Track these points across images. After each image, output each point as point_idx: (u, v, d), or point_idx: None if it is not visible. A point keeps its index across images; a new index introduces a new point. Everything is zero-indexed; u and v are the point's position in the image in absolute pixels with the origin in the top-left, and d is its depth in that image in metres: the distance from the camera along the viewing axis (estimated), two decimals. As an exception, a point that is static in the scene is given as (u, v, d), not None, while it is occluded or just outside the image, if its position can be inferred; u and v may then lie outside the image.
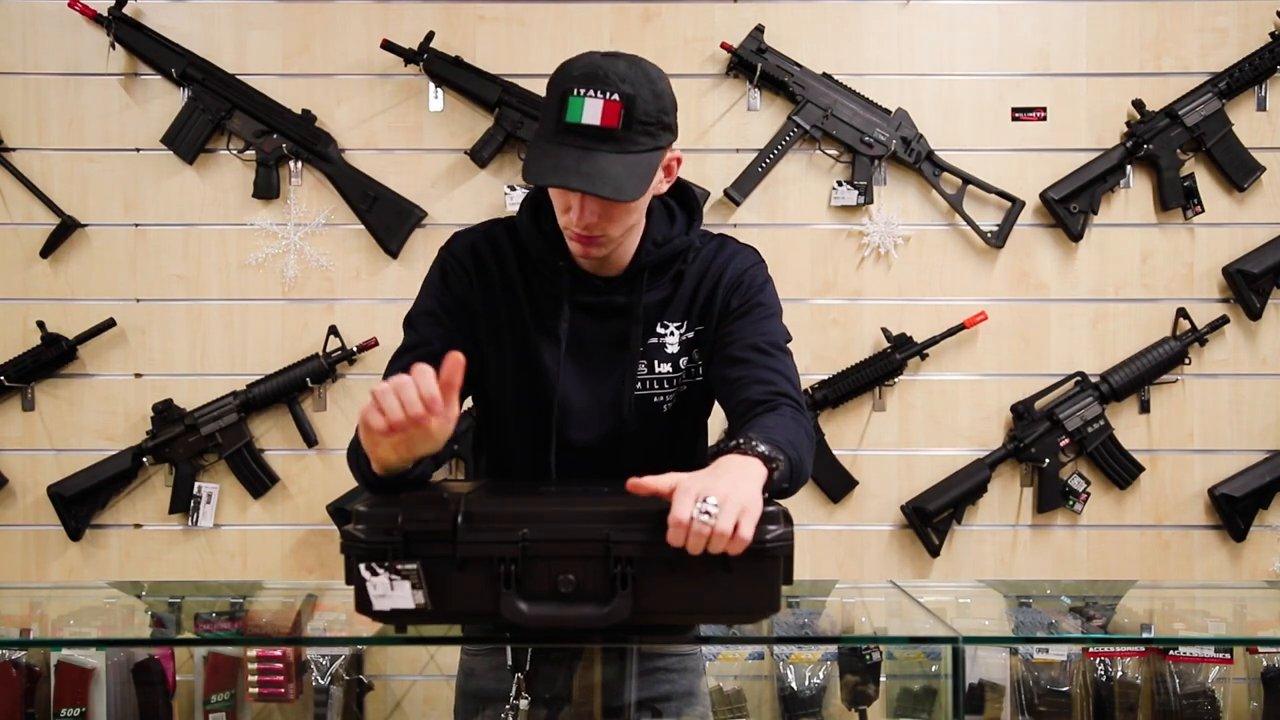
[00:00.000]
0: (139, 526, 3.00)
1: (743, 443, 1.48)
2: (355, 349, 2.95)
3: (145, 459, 2.95)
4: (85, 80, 2.97)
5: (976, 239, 2.98)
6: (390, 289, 2.98)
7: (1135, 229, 3.02)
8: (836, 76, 2.97)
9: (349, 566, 1.47)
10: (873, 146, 2.96)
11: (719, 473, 1.42)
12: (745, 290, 1.77)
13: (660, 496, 1.39)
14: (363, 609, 1.48)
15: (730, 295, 1.77)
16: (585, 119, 1.57)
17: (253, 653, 2.56)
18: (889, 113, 2.97)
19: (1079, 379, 2.99)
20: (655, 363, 1.77)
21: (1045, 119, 3.01)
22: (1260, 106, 3.00)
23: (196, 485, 2.97)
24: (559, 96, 1.59)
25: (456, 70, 2.93)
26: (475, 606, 1.45)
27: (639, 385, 1.76)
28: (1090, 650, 2.52)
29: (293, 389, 2.95)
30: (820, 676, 2.58)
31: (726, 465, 1.45)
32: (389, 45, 2.93)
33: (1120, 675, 2.53)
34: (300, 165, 2.97)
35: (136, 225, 2.99)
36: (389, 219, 2.96)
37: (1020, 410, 2.98)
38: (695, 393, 1.81)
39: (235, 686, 2.59)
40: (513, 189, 2.94)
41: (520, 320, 1.75)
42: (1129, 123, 2.99)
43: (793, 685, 2.58)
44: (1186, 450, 3.02)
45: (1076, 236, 2.98)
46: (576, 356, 1.75)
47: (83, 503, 2.93)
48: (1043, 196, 2.98)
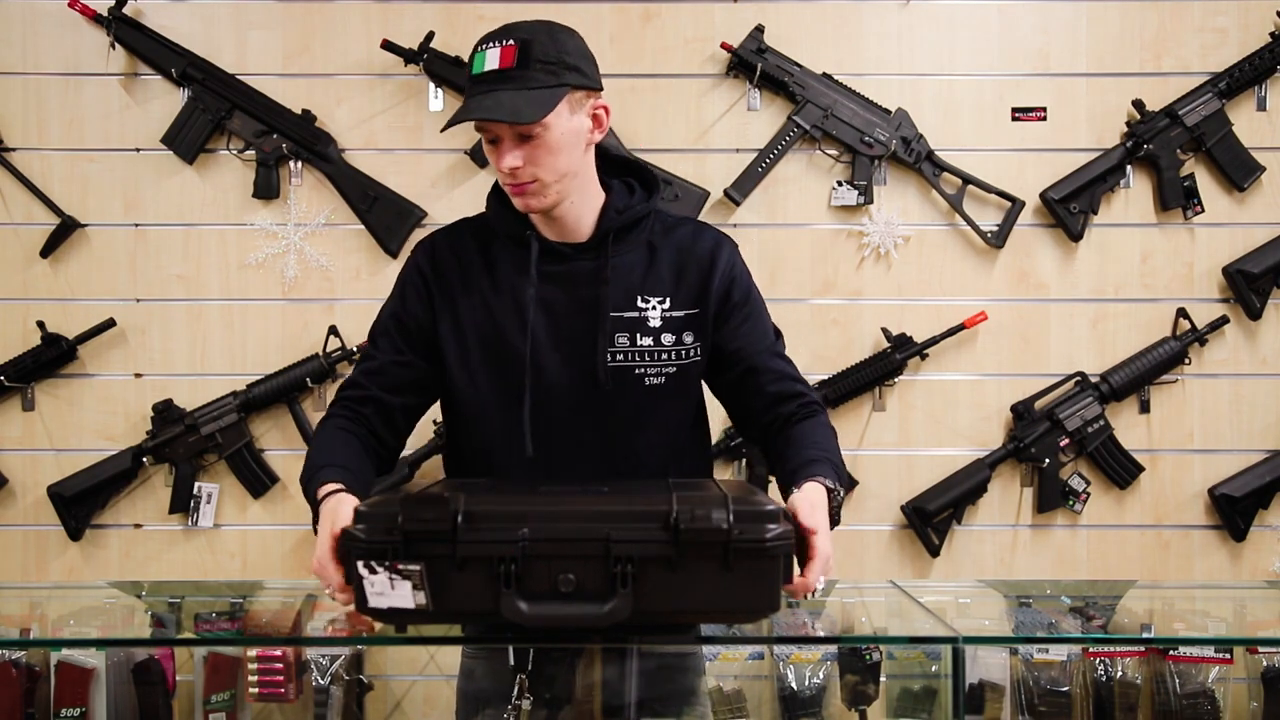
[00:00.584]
0: (139, 526, 3.00)
1: (832, 490, 1.62)
2: (355, 349, 2.95)
3: (145, 459, 2.95)
4: (85, 80, 2.98)
5: (976, 239, 2.98)
6: (390, 289, 2.97)
7: (1135, 229, 3.02)
8: (836, 76, 2.97)
9: (349, 566, 1.48)
10: (873, 146, 2.96)
11: (819, 517, 1.55)
12: (741, 282, 1.84)
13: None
14: (363, 608, 1.48)
15: (730, 287, 1.82)
16: (486, 66, 1.68)
17: (253, 653, 2.55)
18: (889, 113, 2.97)
19: (1079, 379, 2.99)
20: (637, 335, 1.79)
21: (1045, 119, 3.01)
22: (1260, 106, 3.00)
23: (196, 485, 2.97)
24: (471, 56, 1.71)
25: (456, 70, 2.93)
26: (475, 606, 1.45)
27: (620, 356, 1.78)
28: (1090, 650, 2.52)
29: (293, 389, 2.95)
30: (820, 676, 2.58)
31: (819, 505, 1.58)
32: (389, 45, 2.93)
33: (1120, 675, 2.53)
34: (300, 165, 2.97)
35: (136, 225, 2.99)
36: (389, 219, 2.96)
37: (1020, 410, 2.98)
38: (687, 375, 1.82)
39: (235, 686, 2.59)
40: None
41: (485, 306, 1.80)
42: (1129, 123, 2.99)
43: (793, 685, 2.58)
44: (1186, 450, 3.02)
45: (1076, 236, 2.98)
46: (548, 326, 1.78)
47: (83, 503, 2.93)
48: (1043, 196, 2.98)
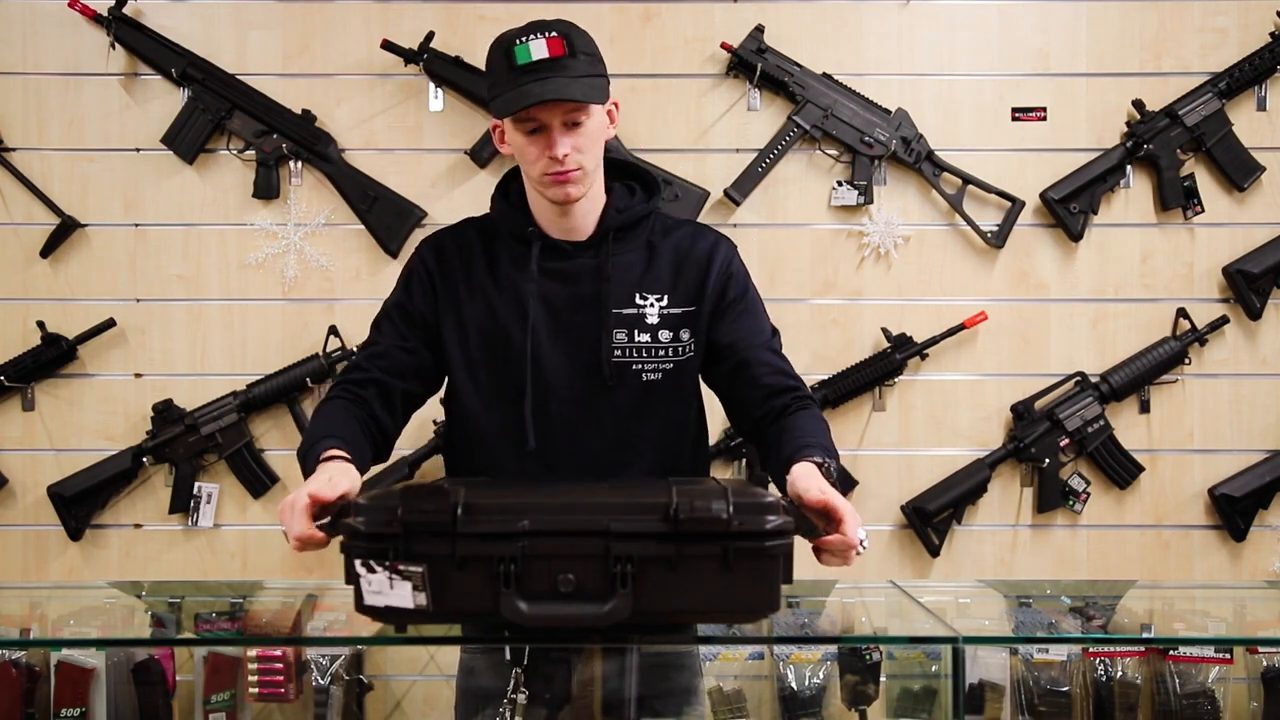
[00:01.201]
0: (139, 526, 3.00)
1: (821, 464, 1.66)
2: (355, 349, 2.94)
3: (145, 459, 2.95)
4: (85, 80, 2.98)
5: (976, 239, 2.98)
6: (390, 289, 2.97)
7: (1135, 229, 3.02)
8: (836, 76, 2.97)
9: (348, 566, 1.47)
10: (873, 146, 2.96)
11: (822, 484, 1.60)
12: (739, 280, 1.87)
13: (817, 508, 1.55)
14: (362, 608, 1.48)
15: (726, 284, 1.85)
16: (535, 56, 1.71)
17: (253, 653, 2.55)
18: (889, 113, 2.97)
19: (1079, 379, 2.99)
20: (635, 332, 1.81)
21: (1045, 119, 3.01)
22: (1260, 106, 3.00)
23: (196, 485, 2.97)
24: (504, 51, 1.74)
25: (456, 70, 2.93)
26: (474, 606, 1.45)
27: (619, 352, 1.79)
28: (1090, 650, 2.52)
29: (293, 389, 2.95)
30: (820, 676, 2.58)
31: (815, 475, 1.62)
32: (389, 45, 2.93)
33: (1120, 675, 2.53)
34: (300, 165, 2.97)
35: (136, 225, 2.99)
36: (389, 219, 2.96)
37: (1020, 410, 2.98)
38: (684, 372, 1.83)
39: (235, 686, 2.58)
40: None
41: (487, 303, 1.82)
42: (1129, 123, 2.99)
43: (793, 685, 2.58)
44: (1186, 450, 3.02)
45: (1076, 236, 2.98)
46: (548, 321, 1.81)
47: (83, 503, 2.93)
48: (1043, 196, 2.98)
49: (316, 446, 1.68)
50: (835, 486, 1.64)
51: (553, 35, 1.72)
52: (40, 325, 2.93)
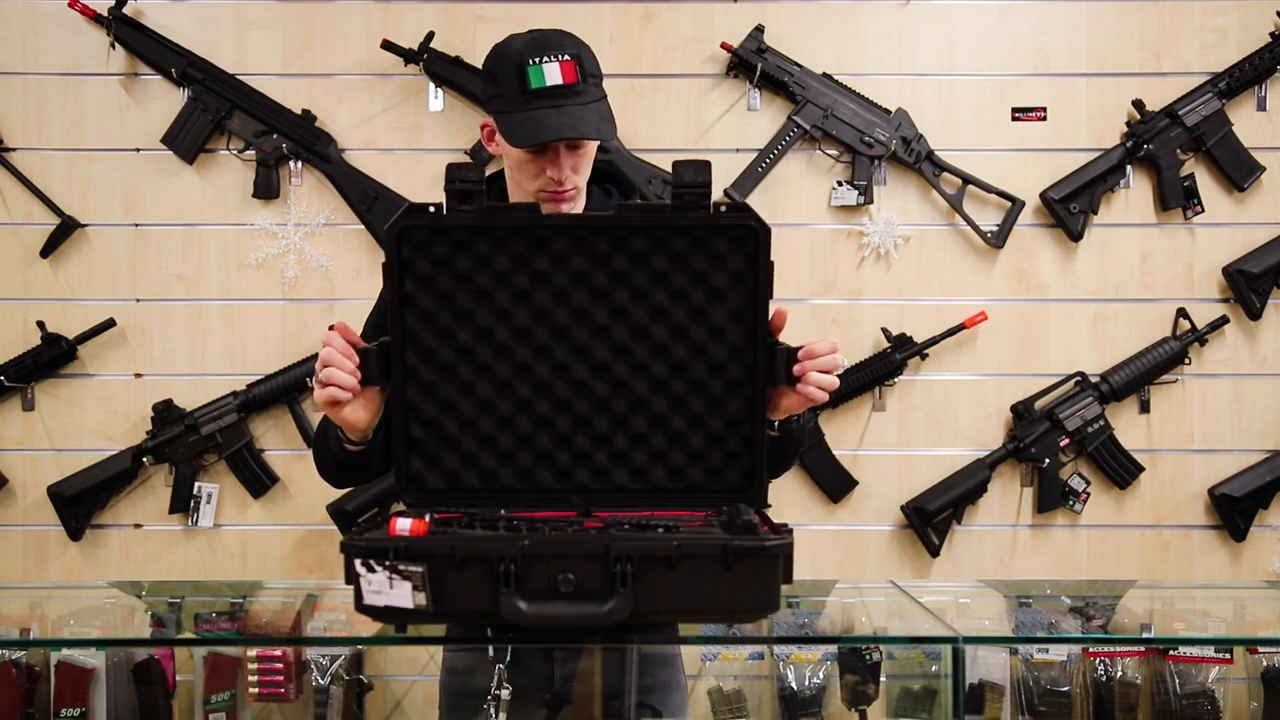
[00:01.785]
0: (139, 526, 3.00)
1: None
2: (355, 349, 2.95)
3: (145, 459, 2.95)
4: (85, 80, 2.98)
5: (976, 239, 2.98)
6: (390, 289, 2.98)
7: (1135, 229, 3.02)
8: (836, 76, 2.97)
9: (349, 565, 1.47)
10: (873, 146, 2.96)
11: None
12: None
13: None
14: (362, 607, 1.48)
15: None
16: (549, 81, 1.74)
17: (253, 653, 2.56)
18: (889, 113, 2.97)
19: (1079, 379, 2.99)
20: None
21: (1045, 119, 3.01)
22: (1260, 106, 3.00)
23: (196, 485, 2.97)
24: (514, 68, 1.76)
25: (456, 70, 2.93)
26: (474, 606, 1.45)
27: None
28: (1090, 650, 2.52)
29: (293, 389, 2.95)
30: (820, 676, 2.58)
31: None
32: (389, 45, 2.93)
33: (1120, 675, 2.53)
34: (300, 165, 2.97)
35: (136, 225, 2.99)
36: (389, 219, 2.94)
37: (1020, 410, 2.98)
38: None
39: (235, 686, 2.59)
40: (513, 189, 2.94)
41: None
42: (1129, 123, 2.99)
43: (793, 685, 2.58)
44: (1186, 450, 3.02)
45: (1076, 236, 2.98)
46: None
47: (83, 503, 2.93)
48: (1043, 196, 2.98)
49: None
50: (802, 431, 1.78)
51: (565, 59, 1.75)
52: (40, 325, 2.93)
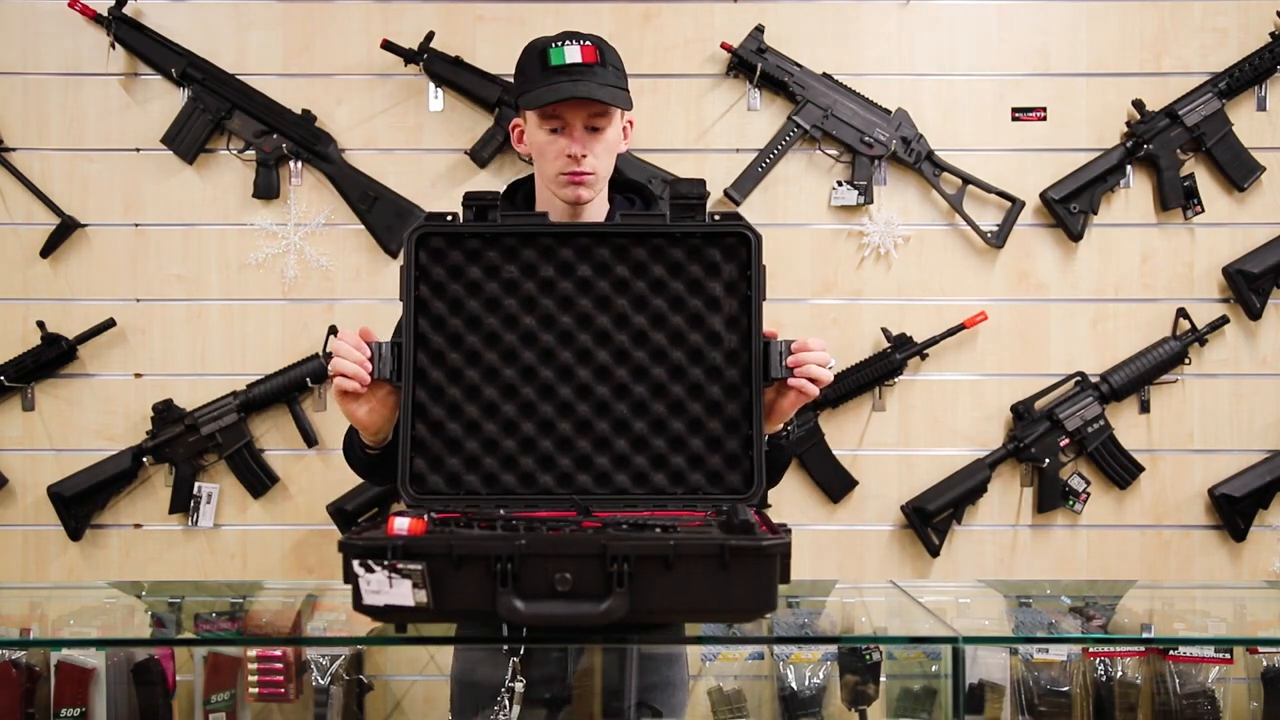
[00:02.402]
0: (139, 526, 3.00)
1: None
2: (355, 349, 2.95)
3: (145, 459, 2.95)
4: (85, 80, 2.98)
5: (976, 239, 2.98)
6: (390, 289, 2.98)
7: (1135, 229, 3.02)
8: (836, 76, 2.97)
9: (347, 565, 1.48)
10: (873, 146, 2.96)
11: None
12: None
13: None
14: (361, 607, 1.48)
15: None
16: (569, 60, 1.86)
17: (253, 653, 2.56)
18: (889, 113, 2.97)
19: (1079, 379, 2.99)
20: None
21: (1045, 119, 3.01)
22: (1260, 106, 3.00)
23: (196, 485, 2.97)
24: (539, 54, 1.88)
25: (456, 70, 2.93)
26: (471, 605, 1.45)
27: None
28: (1090, 650, 2.52)
29: (293, 389, 2.95)
30: (820, 676, 2.58)
31: None
32: (389, 45, 2.93)
33: (1120, 675, 2.52)
34: (300, 165, 2.97)
35: (136, 225, 2.99)
36: (389, 219, 2.96)
37: (1020, 410, 2.98)
38: None
39: (235, 686, 2.59)
40: (512, 189, 2.95)
41: None
42: (1129, 123, 2.99)
43: (793, 685, 2.58)
44: (1186, 450, 3.02)
45: (1076, 236, 2.98)
46: None
47: (83, 503, 2.93)
48: (1043, 196, 2.98)
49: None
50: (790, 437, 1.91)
51: (587, 44, 1.87)
52: (40, 325, 2.94)
